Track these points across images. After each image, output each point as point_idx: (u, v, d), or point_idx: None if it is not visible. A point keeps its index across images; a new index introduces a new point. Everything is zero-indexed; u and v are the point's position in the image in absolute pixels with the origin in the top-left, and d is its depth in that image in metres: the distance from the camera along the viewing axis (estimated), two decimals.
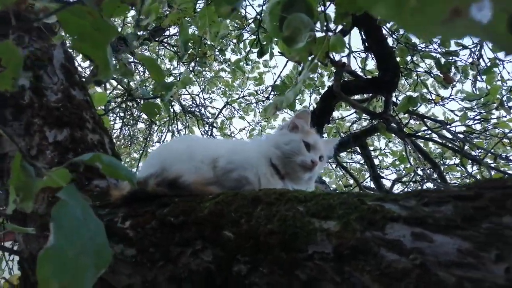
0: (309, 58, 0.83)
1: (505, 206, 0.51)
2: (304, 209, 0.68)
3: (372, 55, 3.47)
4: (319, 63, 0.92)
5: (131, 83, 3.75)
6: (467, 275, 0.47)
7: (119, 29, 4.37)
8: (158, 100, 1.41)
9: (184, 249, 0.75)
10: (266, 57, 3.66)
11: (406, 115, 3.82)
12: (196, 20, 1.55)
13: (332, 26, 0.86)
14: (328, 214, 0.65)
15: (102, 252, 0.46)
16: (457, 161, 3.75)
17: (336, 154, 3.67)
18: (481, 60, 3.41)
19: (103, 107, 2.20)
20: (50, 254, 0.38)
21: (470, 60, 3.44)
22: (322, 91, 4.16)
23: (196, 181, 0.93)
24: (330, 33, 0.79)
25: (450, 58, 3.14)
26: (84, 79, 1.35)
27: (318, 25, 0.82)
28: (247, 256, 0.67)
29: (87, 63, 4.14)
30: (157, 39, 4.97)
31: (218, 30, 1.40)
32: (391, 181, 4.35)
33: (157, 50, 5.37)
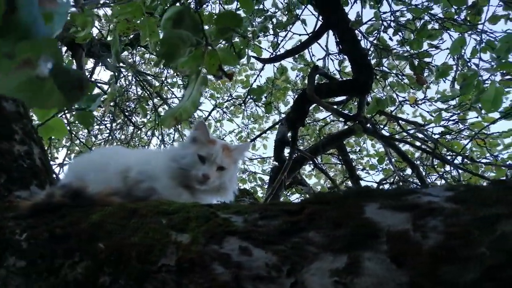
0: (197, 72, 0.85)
1: (315, 221, 0.53)
2: (167, 221, 0.70)
3: (347, 57, 3.48)
4: (208, 76, 0.93)
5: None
6: None
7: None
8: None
9: (65, 261, 0.77)
10: (244, 60, 3.68)
11: (382, 117, 3.83)
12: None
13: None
14: (184, 226, 0.67)
15: None
16: (435, 162, 3.75)
17: (314, 157, 3.68)
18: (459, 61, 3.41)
19: None
20: None
21: (451, 61, 3.43)
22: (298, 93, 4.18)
23: (100, 192, 0.96)
24: (210, 47, 0.81)
25: (423, 60, 3.15)
26: None
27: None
28: (112, 267, 0.69)
29: None
30: (139, 45, 5.00)
31: (158, 39, 1.42)
32: (376, 182, 4.36)
33: (144, 55, 5.42)
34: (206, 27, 0.91)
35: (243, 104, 4.42)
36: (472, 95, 3.10)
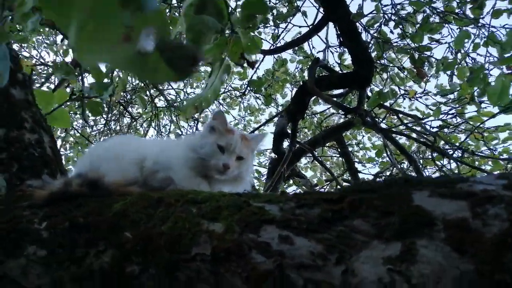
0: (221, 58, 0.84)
1: (359, 209, 0.52)
2: (197, 210, 0.69)
3: (348, 50, 3.48)
4: (231, 64, 0.92)
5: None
6: (311, 277, 0.49)
7: None
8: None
9: (89, 250, 0.76)
10: None
11: (381, 110, 3.84)
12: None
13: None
14: (216, 215, 0.66)
15: None
16: (433, 155, 3.78)
17: (313, 150, 3.69)
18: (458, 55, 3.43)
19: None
20: None
21: (449, 55, 3.45)
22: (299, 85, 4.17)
23: (116, 182, 0.94)
24: (237, 35, 0.79)
25: (423, 53, 3.16)
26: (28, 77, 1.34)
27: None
28: (140, 257, 0.68)
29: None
30: None
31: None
32: (372, 175, 4.39)
33: None
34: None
35: (242, 96, 4.38)
36: (471, 89, 3.13)
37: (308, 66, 3.45)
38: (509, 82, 1.68)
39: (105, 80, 1.45)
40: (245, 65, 0.90)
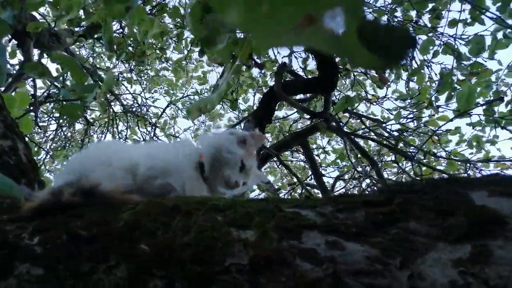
0: (231, 60, 0.81)
1: (411, 211, 0.51)
2: (222, 218, 0.65)
3: (312, 56, 3.54)
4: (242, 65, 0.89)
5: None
6: (374, 283, 0.47)
7: (52, 24, 4.10)
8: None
9: (97, 265, 0.69)
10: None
11: (346, 114, 3.95)
12: (126, 18, 1.47)
13: None
14: (246, 222, 0.63)
15: None
16: (393, 158, 3.94)
17: (279, 153, 3.71)
18: (413, 62, 3.61)
19: (29, 109, 2.04)
20: None
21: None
22: (266, 90, 4.18)
23: (115, 190, 0.87)
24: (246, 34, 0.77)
25: None
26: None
27: None
28: (163, 270, 0.63)
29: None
30: (95, 36, 4.74)
31: (148, 29, 1.34)
32: (333, 178, 4.48)
33: (94, 47, 5.13)
34: None
35: None
36: (429, 94, 3.30)
37: (274, 72, 3.47)
38: (476, 87, 1.78)
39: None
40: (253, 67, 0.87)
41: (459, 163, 3.24)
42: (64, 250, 0.74)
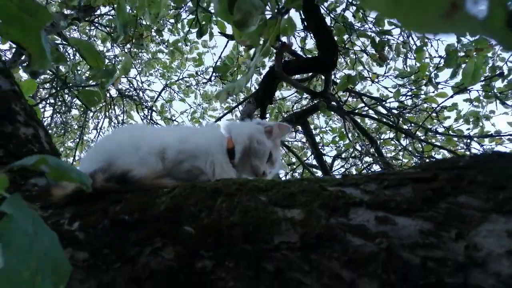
0: (260, 42, 0.81)
1: (460, 186, 0.53)
2: (266, 198, 0.67)
3: (311, 35, 3.52)
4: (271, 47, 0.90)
5: (61, 68, 3.47)
6: (430, 255, 0.50)
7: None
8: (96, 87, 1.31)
9: (143, 248, 0.71)
10: (206, 37, 3.58)
11: (344, 93, 3.96)
12: (133, 0, 1.45)
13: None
14: (291, 202, 0.65)
15: (60, 266, 0.42)
16: (392, 135, 3.98)
17: None
18: (410, 39, 3.61)
19: (31, 96, 2.02)
20: (1, 278, 0.34)
21: (401, 39, 3.62)
22: (264, 72, 4.17)
23: (147, 175, 0.89)
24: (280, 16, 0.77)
25: (384, 37, 3.28)
26: (8, 66, 1.21)
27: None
28: (211, 250, 0.65)
29: (7, 45, 3.77)
30: (87, 19, 4.64)
31: (158, 11, 1.32)
32: (332, 157, 4.52)
33: (87, 30, 5.03)
34: None
35: (208, 82, 4.29)
36: (428, 71, 3.32)
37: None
38: (481, 64, 1.80)
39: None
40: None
41: (456, 138, 3.29)
42: (108, 235, 0.76)
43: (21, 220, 0.39)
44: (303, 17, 3.27)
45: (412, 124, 3.33)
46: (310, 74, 3.73)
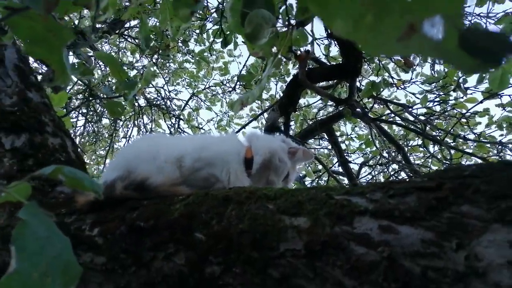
0: (272, 53, 0.83)
1: (464, 195, 0.53)
2: (274, 207, 0.69)
3: (335, 42, 3.51)
4: (282, 58, 0.92)
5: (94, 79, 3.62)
6: (430, 264, 0.50)
7: (76, 22, 4.19)
8: (121, 98, 1.38)
9: (157, 254, 0.74)
10: (230, 46, 3.63)
11: (370, 100, 3.91)
12: (157, 13, 1.51)
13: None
14: (298, 210, 0.66)
15: (70, 269, 0.44)
16: (420, 142, 3.89)
17: (304, 141, 3.72)
18: None
19: (64, 107, 2.12)
20: (12, 279, 0.37)
21: None
22: (288, 79, 4.18)
23: (164, 183, 0.92)
24: (291, 28, 0.79)
25: None
26: (41, 80, 1.28)
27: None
28: (220, 257, 0.67)
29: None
30: (117, 32, 4.82)
31: (180, 24, 1.37)
32: (359, 164, 4.46)
33: (117, 43, 5.21)
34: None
35: (232, 91, 4.35)
36: (457, 77, 3.23)
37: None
38: (510, 68, 1.75)
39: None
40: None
41: (488, 145, 3.17)
42: (125, 240, 0.80)
43: (35, 225, 0.43)
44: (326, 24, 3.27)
45: (441, 131, 3.24)
46: (334, 81, 3.72)
